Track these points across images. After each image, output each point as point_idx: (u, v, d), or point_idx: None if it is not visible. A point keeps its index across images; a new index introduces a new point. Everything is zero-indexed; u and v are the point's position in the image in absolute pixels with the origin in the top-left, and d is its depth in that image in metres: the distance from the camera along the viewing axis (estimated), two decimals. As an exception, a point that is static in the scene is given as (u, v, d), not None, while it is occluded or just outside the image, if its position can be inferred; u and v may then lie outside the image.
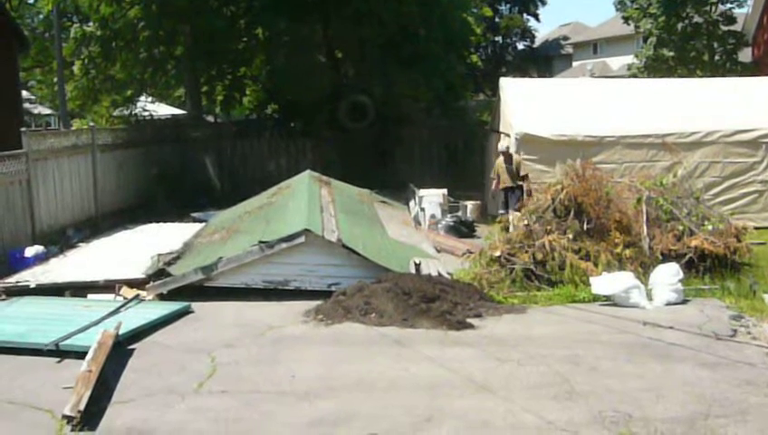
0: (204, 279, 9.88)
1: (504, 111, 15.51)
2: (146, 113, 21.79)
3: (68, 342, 7.89)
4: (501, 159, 13.76)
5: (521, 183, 13.45)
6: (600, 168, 11.94)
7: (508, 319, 8.91)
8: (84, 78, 19.93)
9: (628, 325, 8.55)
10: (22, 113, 21.04)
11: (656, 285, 9.52)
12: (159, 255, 11.18)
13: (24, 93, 30.62)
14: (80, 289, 10.21)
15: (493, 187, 14.23)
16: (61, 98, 25.01)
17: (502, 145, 13.92)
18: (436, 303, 8.92)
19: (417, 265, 10.11)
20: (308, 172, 14.84)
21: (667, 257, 10.24)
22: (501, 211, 13.80)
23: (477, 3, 34.27)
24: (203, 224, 13.98)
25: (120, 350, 7.80)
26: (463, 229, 14.28)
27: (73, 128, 23.09)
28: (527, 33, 51.86)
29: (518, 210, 12.81)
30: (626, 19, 31.01)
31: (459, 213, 15.30)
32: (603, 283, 9.50)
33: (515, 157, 13.59)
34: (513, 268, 10.25)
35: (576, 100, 15.25)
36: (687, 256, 10.29)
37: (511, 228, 12.04)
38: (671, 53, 27.06)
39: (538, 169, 13.61)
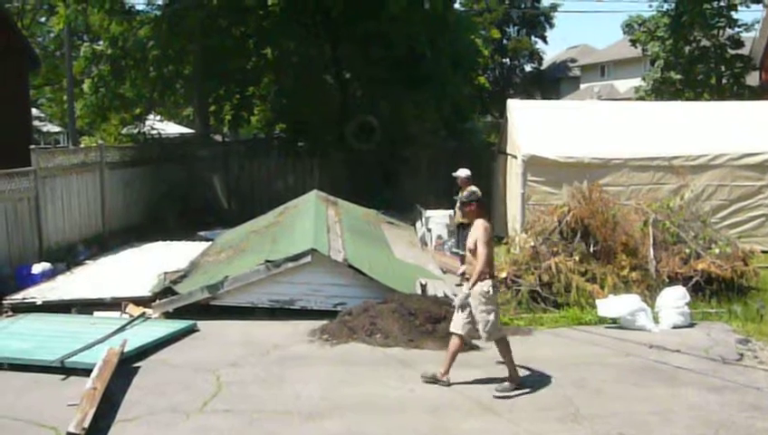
0: (210, 298, 9.88)
1: (511, 132, 15.54)
2: (154, 132, 21.88)
3: (73, 359, 7.91)
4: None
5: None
6: (607, 190, 11.95)
7: (514, 341, 8.83)
8: (94, 96, 20.01)
9: (635, 348, 8.52)
10: (31, 131, 21.15)
11: (662, 308, 9.50)
12: (166, 273, 11.20)
13: (34, 111, 30.78)
14: (86, 306, 10.22)
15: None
16: (70, 116, 25.21)
17: (459, 172, 12.47)
18: (441, 324, 8.89)
19: (423, 286, 10.09)
20: (315, 192, 14.87)
21: (673, 280, 10.21)
22: (454, 249, 13.18)
23: (485, 25, 34.51)
24: (210, 242, 13.98)
25: (126, 367, 7.80)
26: (469, 251, 14.21)
27: (82, 145, 23.19)
28: (535, 56, 52.07)
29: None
30: (633, 42, 31.14)
31: (466, 234, 15.23)
32: (609, 305, 9.47)
33: (470, 188, 12.18)
34: (519, 290, 10.24)
35: (583, 122, 15.24)
36: (694, 280, 10.26)
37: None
38: (678, 77, 27.10)
39: (545, 191, 13.61)
